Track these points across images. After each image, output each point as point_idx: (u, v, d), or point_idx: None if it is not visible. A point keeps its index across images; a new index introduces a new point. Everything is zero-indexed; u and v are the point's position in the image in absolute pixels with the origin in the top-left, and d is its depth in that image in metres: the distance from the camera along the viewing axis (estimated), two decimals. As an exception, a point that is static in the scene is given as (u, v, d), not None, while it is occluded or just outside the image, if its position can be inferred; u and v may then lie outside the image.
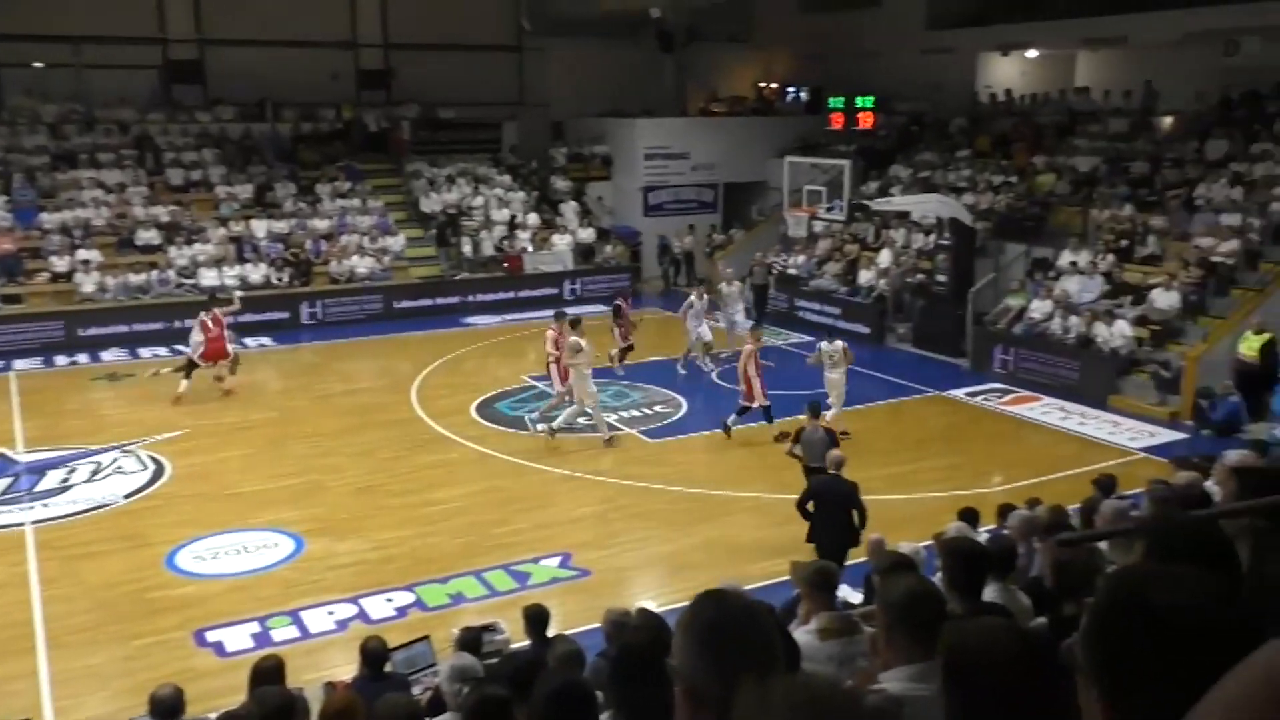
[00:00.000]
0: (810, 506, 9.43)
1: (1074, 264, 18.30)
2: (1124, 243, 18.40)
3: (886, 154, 26.02)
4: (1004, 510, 8.28)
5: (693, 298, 18.22)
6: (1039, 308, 17.86)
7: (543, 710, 3.49)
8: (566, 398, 14.55)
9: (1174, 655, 1.30)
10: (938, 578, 5.37)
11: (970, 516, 8.33)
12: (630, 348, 17.99)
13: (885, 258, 21.61)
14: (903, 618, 2.89)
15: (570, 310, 17.07)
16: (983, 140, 24.36)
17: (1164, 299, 16.56)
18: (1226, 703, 1.13)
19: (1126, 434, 14.63)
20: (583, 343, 13.99)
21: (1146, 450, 13.77)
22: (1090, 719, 1.38)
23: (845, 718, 1.12)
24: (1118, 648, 1.36)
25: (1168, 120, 21.67)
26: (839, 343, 14.80)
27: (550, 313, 16.68)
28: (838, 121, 26.24)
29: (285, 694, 4.81)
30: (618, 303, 18.50)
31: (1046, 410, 15.79)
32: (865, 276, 21.56)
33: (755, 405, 14.13)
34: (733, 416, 14.27)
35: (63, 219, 21.94)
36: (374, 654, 6.27)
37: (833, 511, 9.31)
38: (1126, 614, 1.37)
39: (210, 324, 16.35)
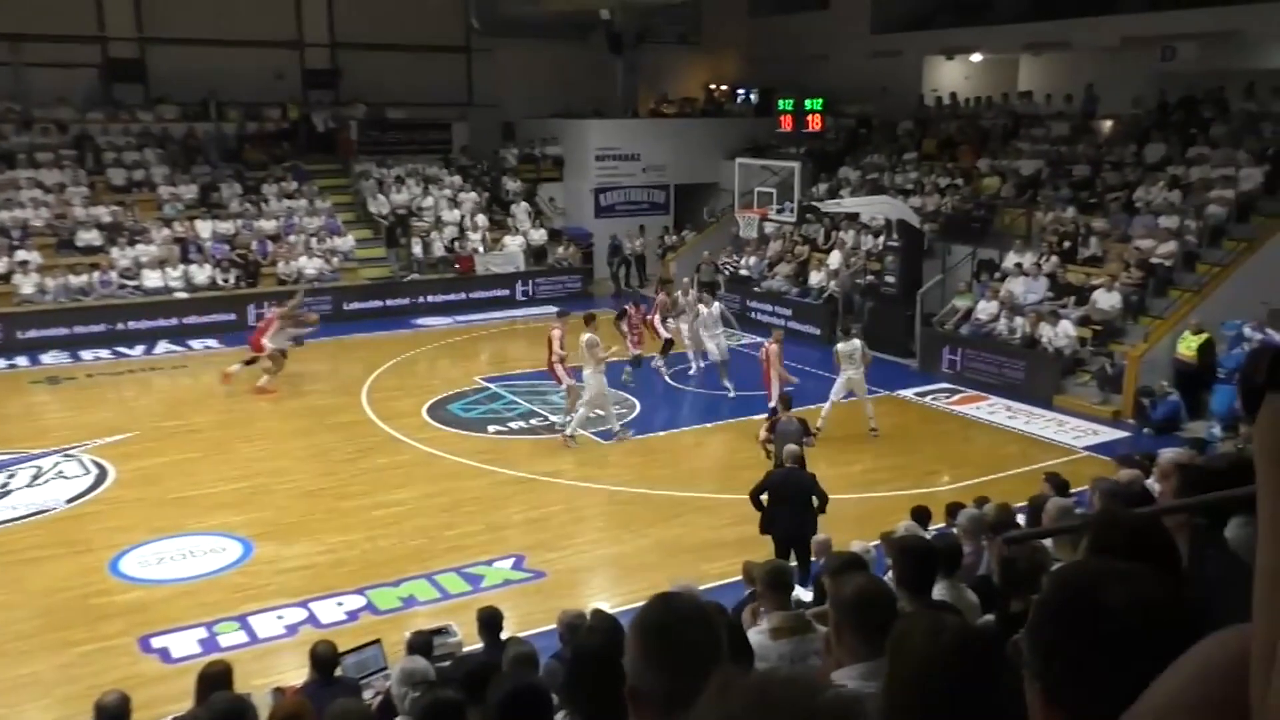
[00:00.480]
0: (764, 498, 9.50)
1: (1019, 265, 18.61)
2: (1066, 244, 18.75)
3: (835, 156, 26.28)
4: (952, 509, 8.41)
5: (701, 307, 17.38)
6: (985, 308, 18.14)
7: (497, 713, 3.49)
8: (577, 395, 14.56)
9: (1113, 650, 1.33)
10: (888, 576, 5.45)
11: (922, 516, 8.44)
12: (670, 343, 17.89)
13: (835, 259, 21.80)
14: (854, 616, 2.93)
15: (567, 309, 16.86)
16: (929, 143, 24.68)
17: (1106, 299, 16.90)
18: (1164, 697, 1.17)
19: (1071, 433, 14.90)
20: (596, 338, 14.01)
21: (1090, 449, 14.04)
22: (1034, 714, 1.41)
23: (803, 712, 1.13)
24: (1059, 642, 1.38)
25: (1108, 124, 22.12)
26: (856, 341, 14.66)
27: (499, 314, 16.66)
28: (787, 123, 26.44)
29: (235, 699, 4.75)
30: (625, 308, 18.11)
31: (993, 409, 16.04)
32: (815, 278, 21.75)
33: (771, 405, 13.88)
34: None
35: (0, 220, 21.44)
36: (324, 659, 6.21)
37: (791, 502, 9.37)
38: (1069, 609, 1.40)
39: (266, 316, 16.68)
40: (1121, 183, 19.77)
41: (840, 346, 14.61)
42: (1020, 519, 7.41)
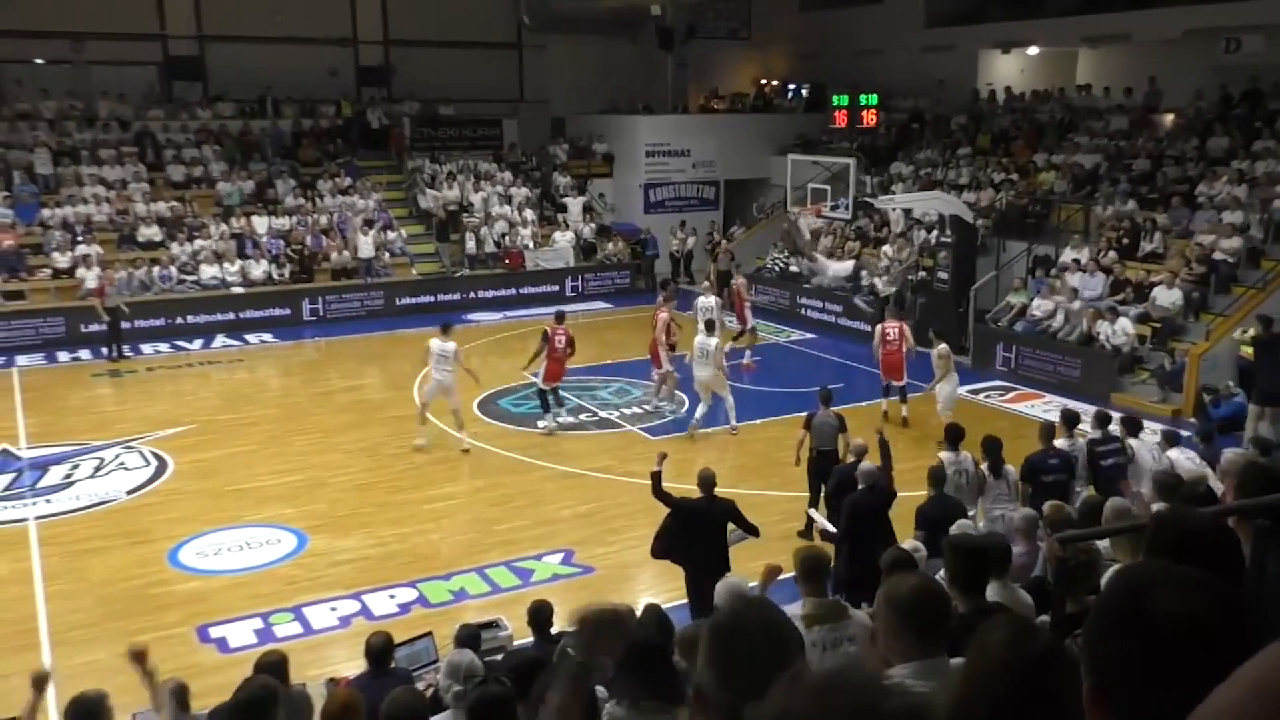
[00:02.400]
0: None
1: (1076, 261, 18.30)
2: (1124, 240, 18.40)
3: (887, 151, 26.03)
4: (1067, 418, 9.73)
5: (701, 298, 17.49)
6: (1040, 305, 17.86)
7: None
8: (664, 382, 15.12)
9: (1164, 657, 1.30)
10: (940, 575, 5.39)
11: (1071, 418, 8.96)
12: (749, 329, 18.57)
13: (887, 255, 21.61)
14: (909, 616, 2.90)
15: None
16: (984, 138, 24.36)
17: (1166, 296, 16.57)
18: (1220, 710, 1.13)
19: (1128, 431, 14.59)
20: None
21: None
22: (1090, 716, 1.39)
23: (868, 715, 1.13)
24: (1112, 647, 1.36)
25: (1169, 117, 21.67)
26: (943, 346, 14.36)
27: (549, 309, 16.69)
28: (842, 119, 26.24)
29: (265, 683, 4.68)
30: (735, 283, 19.08)
31: (1049, 408, 15.76)
32: (867, 274, 21.57)
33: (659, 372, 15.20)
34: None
35: (64, 215, 21.96)
36: (378, 650, 6.26)
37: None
38: (1121, 613, 1.37)
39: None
40: (1183, 177, 19.36)
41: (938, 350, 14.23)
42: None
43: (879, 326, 15.64)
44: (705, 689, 1.82)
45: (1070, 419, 10.23)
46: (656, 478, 8.71)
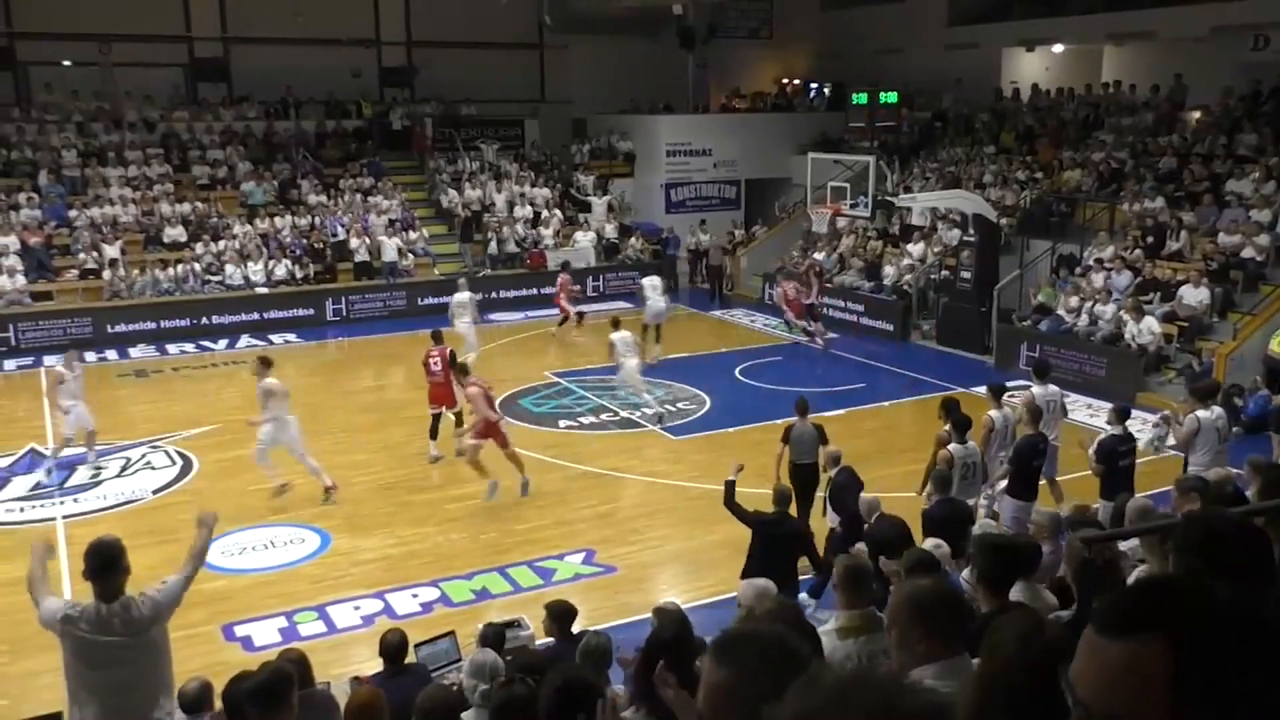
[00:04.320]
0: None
1: (1101, 260, 18.16)
2: (1150, 239, 18.24)
3: (909, 150, 25.92)
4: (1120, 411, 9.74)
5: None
6: (1065, 304, 17.73)
7: (549, 703, 3.54)
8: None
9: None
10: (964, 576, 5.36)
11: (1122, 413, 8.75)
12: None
13: (909, 254, 21.52)
14: (929, 618, 2.89)
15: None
16: (1007, 136, 24.21)
17: (1193, 295, 16.41)
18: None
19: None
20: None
21: (1176, 448, 13.61)
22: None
23: (884, 715, 1.12)
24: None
25: (1195, 114, 21.47)
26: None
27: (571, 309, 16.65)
28: (861, 117, 26.16)
29: (282, 669, 4.67)
30: (815, 265, 20.21)
31: (1073, 407, 15.64)
32: (888, 273, 21.50)
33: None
34: None
35: (91, 215, 22.17)
36: (391, 647, 6.27)
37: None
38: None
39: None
40: (1210, 175, 19.18)
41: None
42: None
43: None
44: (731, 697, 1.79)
45: (1123, 412, 10.17)
46: (730, 487, 8.66)
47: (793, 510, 9.03)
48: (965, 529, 7.79)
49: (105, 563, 5.27)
